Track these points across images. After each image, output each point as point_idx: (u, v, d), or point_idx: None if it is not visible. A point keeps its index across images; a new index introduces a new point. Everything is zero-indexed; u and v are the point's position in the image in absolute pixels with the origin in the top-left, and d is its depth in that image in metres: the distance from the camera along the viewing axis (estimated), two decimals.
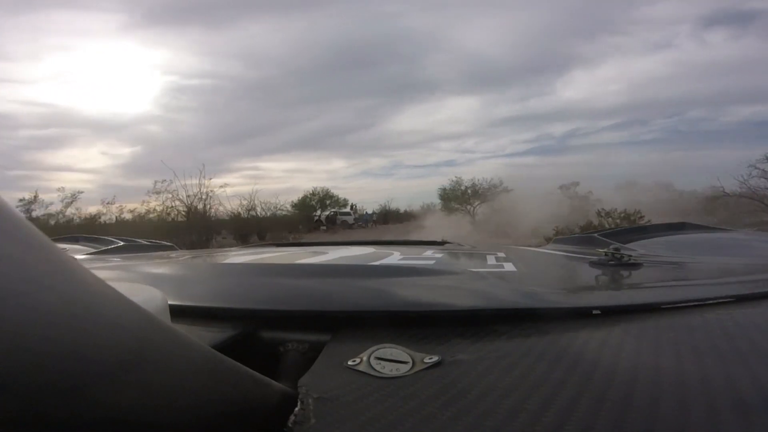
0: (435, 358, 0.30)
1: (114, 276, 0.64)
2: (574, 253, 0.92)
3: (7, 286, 0.13)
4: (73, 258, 0.18)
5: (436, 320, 0.37)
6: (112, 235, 1.70)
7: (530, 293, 0.46)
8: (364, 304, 0.42)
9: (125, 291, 0.17)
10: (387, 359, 0.30)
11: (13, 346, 0.12)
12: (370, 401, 0.25)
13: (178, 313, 0.35)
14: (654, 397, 0.24)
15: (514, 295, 0.47)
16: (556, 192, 15.16)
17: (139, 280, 0.58)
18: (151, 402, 0.17)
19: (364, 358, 0.30)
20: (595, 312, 0.39)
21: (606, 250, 0.70)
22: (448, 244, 1.26)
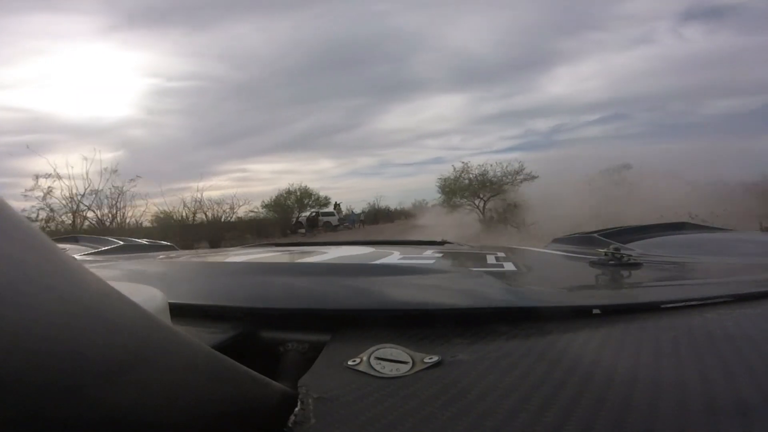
0: (435, 358, 0.30)
1: (114, 276, 0.64)
2: (574, 253, 0.92)
3: (7, 286, 0.13)
4: (73, 258, 0.18)
5: (436, 320, 0.37)
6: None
7: (530, 293, 0.46)
8: (363, 303, 0.42)
9: (125, 291, 0.17)
10: (387, 359, 0.30)
11: (13, 346, 0.12)
12: (370, 401, 0.25)
13: (178, 312, 0.35)
14: (654, 397, 0.24)
15: (514, 294, 0.47)
16: (597, 178, 11.75)
17: (139, 279, 0.58)
18: (151, 402, 0.17)
19: (364, 358, 0.30)
20: (595, 312, 0.39)
21: (606, 250, 0.70)
22: (448, 244, 1.26)
